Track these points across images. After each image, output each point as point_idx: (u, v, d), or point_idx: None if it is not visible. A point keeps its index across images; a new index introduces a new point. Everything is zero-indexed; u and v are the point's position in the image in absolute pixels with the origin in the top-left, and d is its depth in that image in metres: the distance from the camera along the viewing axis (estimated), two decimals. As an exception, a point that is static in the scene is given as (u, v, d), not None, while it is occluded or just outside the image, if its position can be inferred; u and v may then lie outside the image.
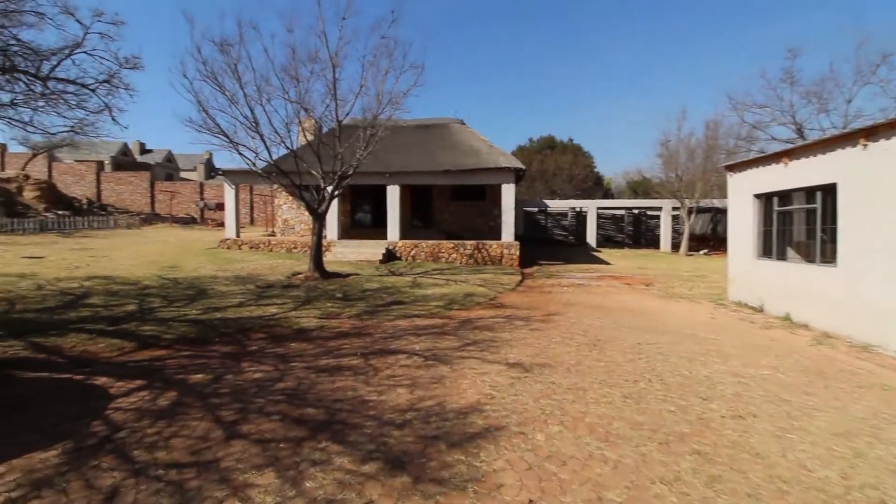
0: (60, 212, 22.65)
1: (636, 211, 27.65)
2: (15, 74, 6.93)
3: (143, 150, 59.39)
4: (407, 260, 15.54)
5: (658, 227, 25.90)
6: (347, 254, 14.96)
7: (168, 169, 57.16)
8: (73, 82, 7.42)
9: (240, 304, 8.05)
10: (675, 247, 23.81)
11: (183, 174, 60.28)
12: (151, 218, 27.73)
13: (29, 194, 22.67)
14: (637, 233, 27.33)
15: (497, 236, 16.59)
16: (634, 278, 13.61)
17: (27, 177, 23.45)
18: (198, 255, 14.29)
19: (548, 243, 26.11)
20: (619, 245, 26.69)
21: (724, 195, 16.40)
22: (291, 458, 3.17)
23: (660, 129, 56.99)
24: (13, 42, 6.78)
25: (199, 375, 4.87)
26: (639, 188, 41.54)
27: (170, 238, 20.79)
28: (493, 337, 6.59)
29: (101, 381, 4.67)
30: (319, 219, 10.96)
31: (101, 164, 37.15)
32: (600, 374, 5.13)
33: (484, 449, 3.37)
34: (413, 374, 4.99)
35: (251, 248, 16.24)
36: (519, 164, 15.99)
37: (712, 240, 25.08)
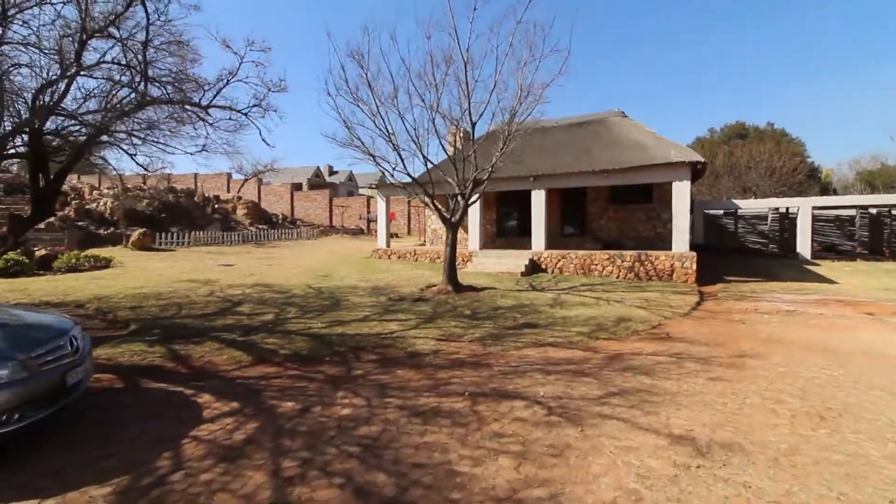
0: (261, 226, 27.43)
1: (874, 210, 20.58)
2: (185, 106, 7.84)
3: (331, 172, 69.36)
4: (553, 273, 13.95)
5: (914, 231, 18.73)
6: (488, 265, 14.11)
7: (349, 187, 65.30)
8: (229, 108, 8.15)
9: (364, 318, 7.76)
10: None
11: (361, 191, 68.64)
12: (328, 230, 31.63)
13: (240, 212, 28.10)
14: (876, 239, 20.27)
15: (666, 245, 13.80)
16: (879, 305, 9.59)
17: (239, 198, 29.17)
18: (351, 265, 15.15)
19: (738, 253, 21.15)
20: (846, 256, 20.15)
21: None
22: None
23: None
24: (183, 77, 7.68)
25: (290, 404, 4.41)
26: (876, 180, 31.48)
27: (336, 248, 23.05)
28: (652, 386, 4.81)
29: (204, 398, 4.55)
30: (452, 228, 10.32)
31: (297, 186, 44.39)
32: (838, 477, 3.07)
33: None
34: (527, 436, 3.69)
35: (398, 258, 16.68)
36: (696, 157, 13.00)
37: None
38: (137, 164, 9.33)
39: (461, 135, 11.46)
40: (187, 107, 7.89)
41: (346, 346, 6.23)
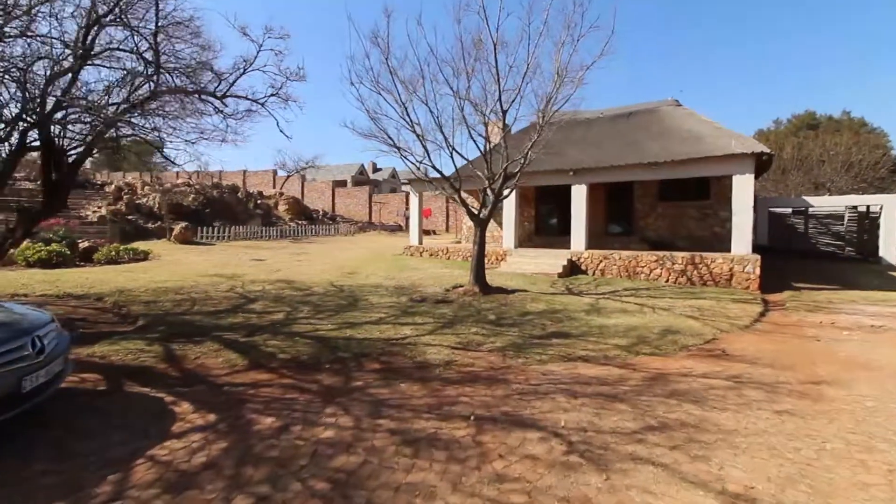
0: (300, 221, 27.83)
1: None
2: (201, 96, 7.58)
3: (375, 169, 70.08)
4: (594, 274, 12.88)
5: None
6: (523, 265, 13.24)
7: (392, 184, 65.68)
8: (246, 98, 7.83)
9: (378, 321, 7.21)
10: None
11: (404, 188, 68.95)
12: (366, 226, 31.67)
13: (281, 208, 28.65)
14: (981, 243, 17.51)
15: (724, 246, 12.40)
16: None
17: (281, 194, 29.76)
18: (380, 262, 14.74)
19: (809, 257, 18.97)
20: (942, 261, 17.55)
21: None
22: None
23: None
24: (198, 65, 7.40)
25: (269, 419, 3.89)
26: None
27: (371, 244, 22.85)
28: (702, 419, 3.92)
29: (182, 408, 4.13)
30: (481, 225, 9.59)
31: (342, 182, 45.09)
32: None
33: None
34: (536, 482, 2.97)
35: (430, 255, 16.11)
36: (761, 147, 11.52)
37: None
38: (164, 157, 9.33)
39: (499, 126, 10.68)
40: (204, 97, 7.64)
41: (350, 352, 5.69)
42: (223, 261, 14.29)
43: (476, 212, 9.68)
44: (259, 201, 28.14)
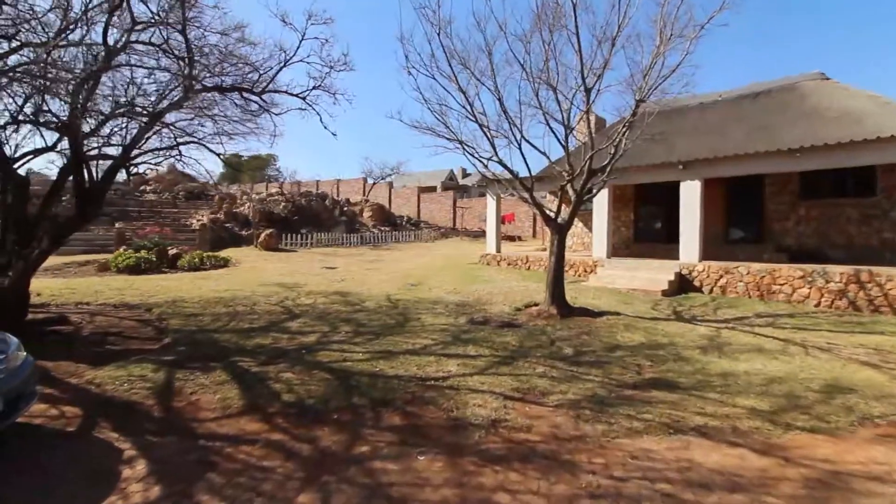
0: (383, 227, 27.79)
1: None
2: (243, 94, 6.95)
3: (465, 174, 69.71)
4: (711, 293, 10.30)
5: None
6: (616, 278, 11.07)
7: (482, 189, 64.60)
8: (286, 93, 7.09)
9: (422, 349, 5.90)
10: None
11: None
12: (448, 232, 30.78)
13: (366, 214, 28.91)
14: None
15: (904, 259, 9.14)
16: None
17: (367, 201, 30.03)
18: (450, 272, 13.50)
19: None
20: None
21: None
22: None
23: None
24: (240, 63, 6.78)
25: (217, 509, 2.75)
26: None
27: (448, 251, 21.79)
28: None
29: (134, 471, 3.22)
30: (559, 232, 7.83)
31: (430, 188, 45.12)
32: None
33: None
34: None
35: (508, 264, 14.49)
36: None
37: None
38: (221, 159, 9.02)
39: (584, 115, 8.85)
40: (244, 94, 7.01)
41: (370, 396, 4.43)
42: (294, 269, 14.13)
43: (552, 215, 7.95)
44: (345, 208, 28.69)
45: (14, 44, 5.57)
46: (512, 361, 5.47)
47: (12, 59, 5.72)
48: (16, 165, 6.17)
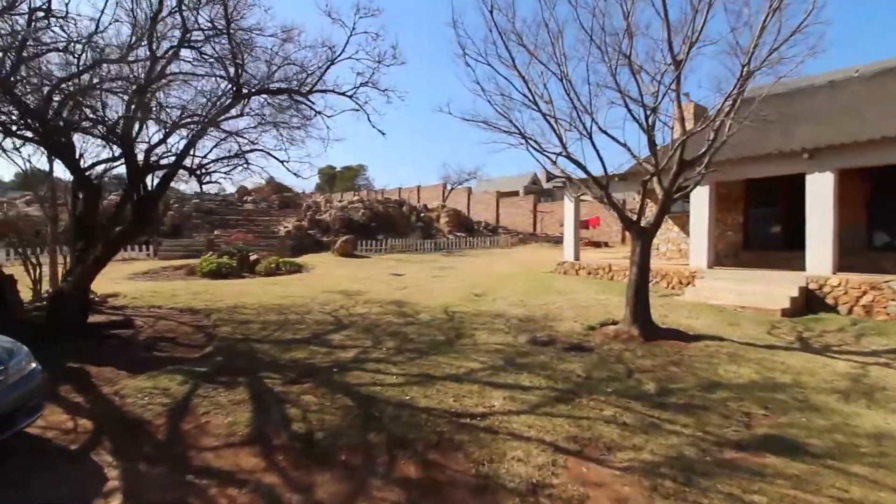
0: (459, 233, 27.27)
1: None
2: (292, 96, 6.71)
3: (549, 178, 67.33)
4: (850, 314, 8.12)
5: None
6: (719, 292, 9.23)
7: (560, 189, 61.78)
8: (333, 92, 6.70)
9: (466, 374, 5.06)
10: None
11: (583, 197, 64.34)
12: (527, 237, 29.35)
13: (442, 220, 28.60)
14: None
15: None
16: None
17: (444, 206, 29.77)
18: (521, 281, 12.41)
19: None
20: None
21: None
22: None
23: None
24: (287, 64, 6.54)
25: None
26: None
27: (524, 258, 20.55)
28: None
29: (98, 513, 2.78)
30: (641, 237, 6.48)
31: (513, 193, 43.92)
32: None
33: None
34: None
35: (588, 273, 13.01)
36: None
37: None
38: (288, 170, 8.98)
39: (680, 98, 7.40)
40: (294, 96, 6.77)
41: (389, 432, 3.71)
42: (362, 275, 14.01)
43: (633, 217, 6.64)
44: (422, 214, 28.68)
45: (87, 61, 5.82)
46: (573, 398, 4.41)
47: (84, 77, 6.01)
48: (87, 174, 6.45)
